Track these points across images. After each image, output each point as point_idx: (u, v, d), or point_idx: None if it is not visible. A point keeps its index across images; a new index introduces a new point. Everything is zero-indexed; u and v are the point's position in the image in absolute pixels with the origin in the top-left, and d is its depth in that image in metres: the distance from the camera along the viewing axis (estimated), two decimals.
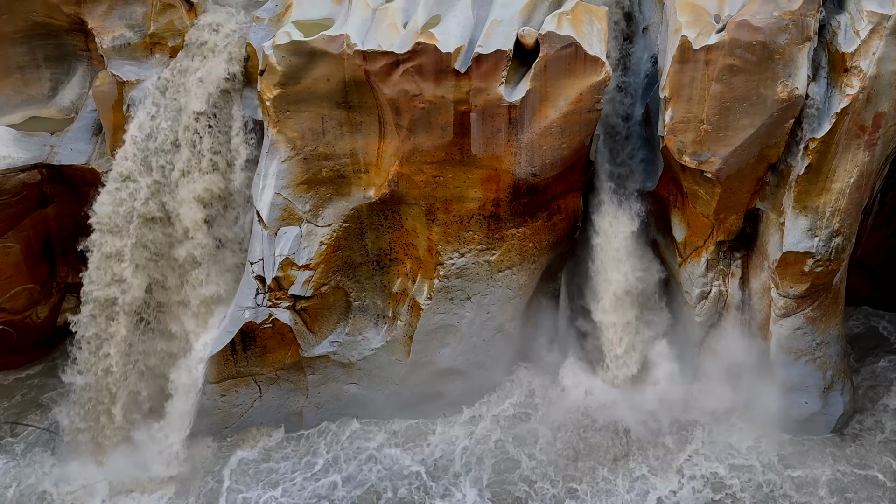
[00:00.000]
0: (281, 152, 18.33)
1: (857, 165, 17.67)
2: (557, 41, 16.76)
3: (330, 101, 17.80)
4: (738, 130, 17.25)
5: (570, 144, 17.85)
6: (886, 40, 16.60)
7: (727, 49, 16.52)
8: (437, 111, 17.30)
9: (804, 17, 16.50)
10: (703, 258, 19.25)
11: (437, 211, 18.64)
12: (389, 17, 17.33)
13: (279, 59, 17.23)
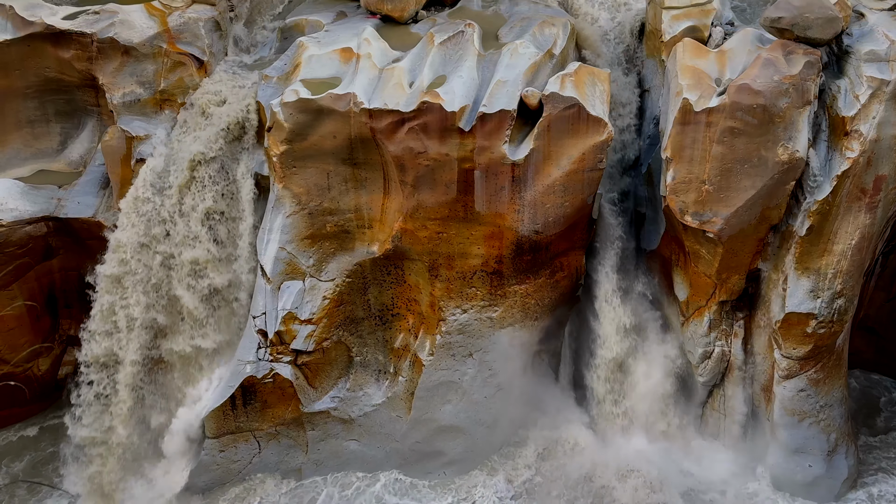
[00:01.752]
0: (286, 207, 18.49)
1: (858, 228, 17.77)
2: (560, 102, 17.04)
3: (336, 158, 18.03)
4: (740, 191, 17.40)
5: (573, 203, 18.00)
6: (886, 105, 16.84)
7: (728, 112, 16.76)
8: (442, 168, 17.50)
9: (804, 81, 16.78)
10: (705, 318, 19.23)
11: (440, 267, 18.71)
12: (396, 76, 17.65)
13: (287, 116, 17.50)
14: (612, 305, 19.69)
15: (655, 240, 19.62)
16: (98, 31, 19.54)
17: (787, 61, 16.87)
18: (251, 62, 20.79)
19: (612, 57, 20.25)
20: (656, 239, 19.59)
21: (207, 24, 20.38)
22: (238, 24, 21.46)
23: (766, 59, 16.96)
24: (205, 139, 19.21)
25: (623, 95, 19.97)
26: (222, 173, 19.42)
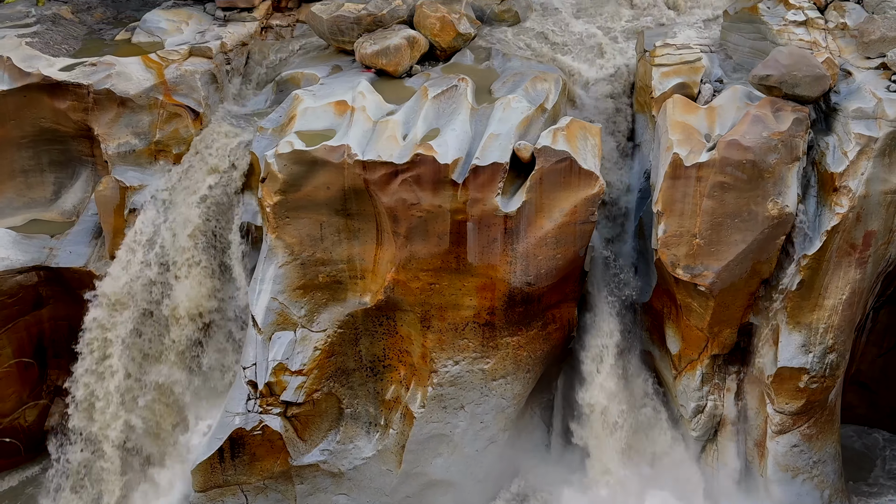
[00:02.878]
0: (279, 257, 18.49)
1: (848, 283, 17.86)
2: (553, 155, 17.21)
3: (329, 209, 18.10)
4: (731, 245, 17.50)
5: (565, 255, 18.06)
6: (874, 161, 17.05)
7: (718, 167, 16.95)
8: (435, 220, 17.57)
9: (793, 137, 17.00)
10: (697, 372, 19.17)
11: (432, 318, 18.66)
12: (390, 129, 17.84)
13: (281, 167, 17.61)
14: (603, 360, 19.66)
15: (647, 292, 19.67)
16: (95, 83, 19.74)
17: (775, 118, 17.12)
18: (246, 114, 21.00)
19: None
20: (648, 292, 19.64)
21: (204, 76, 20.63)
22: (234, 76, 21.76)
23: (754, 115, 17.20)
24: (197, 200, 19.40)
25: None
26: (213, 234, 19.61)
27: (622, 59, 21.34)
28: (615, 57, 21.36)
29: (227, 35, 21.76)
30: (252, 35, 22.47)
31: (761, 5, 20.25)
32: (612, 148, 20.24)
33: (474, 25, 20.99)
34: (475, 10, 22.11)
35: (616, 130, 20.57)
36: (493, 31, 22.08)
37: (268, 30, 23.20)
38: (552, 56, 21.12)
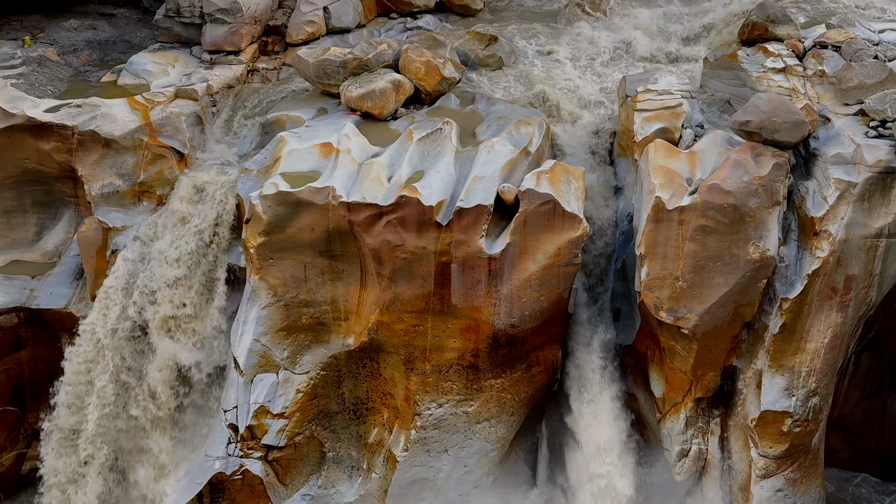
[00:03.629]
0: (262, 299, 18.41)
1: (830, 326, 17.96)
2: (536, 198, 17.33)
3: (313, 250, 18.08)
4: (713, 288, 17.58)
5: (549, 297, 18.09)
6: (854, 206, 17.25)
7: (700, 210, 17.09)
8: (419, 261, 17.58)
9: (773, 182, 17.20)
10: (681, 415, 19.12)
11: (415, 360, 18.57)
12: (374, 171, 17.92)
13: (265, 208, 17.62)
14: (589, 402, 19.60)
15: (631, 335, 19.68)
16: (79, 124, 19.74)
17: (755, 163, 17.33)
18: (232, 156, 21.06)
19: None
20: (632, 334, 19.65)
21: (189, 118, 20.72)
22: (220, 118, 21.85)
23: (735, 160, 17.41)
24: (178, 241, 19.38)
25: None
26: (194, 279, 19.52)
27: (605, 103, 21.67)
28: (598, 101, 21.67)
29: (214, 78, 21.91)
30: (238, 78, 22.64)
31: (741, 52, 20.68)
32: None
33: (459, 70, 21.25)
34: (460, 55, 22.45)
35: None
36: (478, 76, 22.42)
37: (254, 73, 23.39)
38: (535, 100, 21.39)
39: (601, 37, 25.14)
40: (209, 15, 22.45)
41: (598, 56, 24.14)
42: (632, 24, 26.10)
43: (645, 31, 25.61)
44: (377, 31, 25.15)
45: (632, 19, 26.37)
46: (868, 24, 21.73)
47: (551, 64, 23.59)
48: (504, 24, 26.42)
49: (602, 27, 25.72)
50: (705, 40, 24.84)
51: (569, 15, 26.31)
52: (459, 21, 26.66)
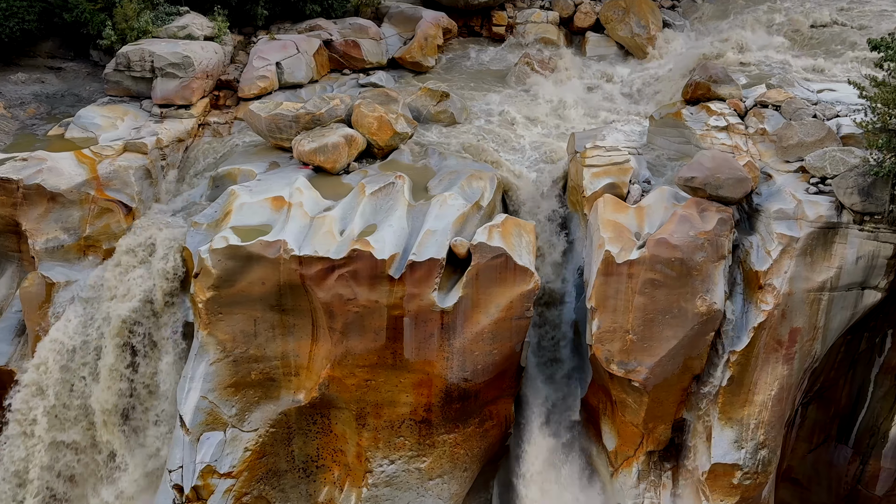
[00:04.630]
0: (210, 354, 18.07)
1: (777, 378, 18.21)
2: (488, 251, 17.44)
3: (264, 304, 17.87)
4: (662, 341, 17.75)
5: (502, 350, 18.09)
6: (797, 260, 17.64)
7: (648, 264, 17.34)
8: (371, 315, 17.48)
9: (718, 237, 17.55)
10: (634, 468, 19.11)
11: (367, 415, 18.34)
12: (327, 224, 17.87)
13: (215, 262, 17.41)
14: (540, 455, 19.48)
15: (583, 388, 19.71)
16: (25, 178, 19.41)
17: (701, 218, 17.68)
18: (181, 209, 20.85)
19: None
20: (584, 388, 19.68)
21: (138, 171, 20.52)
22: (170, 171, 21.67)
23: (681, 215, 17.75)
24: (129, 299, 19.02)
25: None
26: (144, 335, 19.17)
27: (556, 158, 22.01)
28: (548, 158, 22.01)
29: (164, 131, 21.79)
30: (189, 131, 22.55)
31: (685, 111, 21.24)
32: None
33: (411, 125, 21.49)
34: (412, 110, 22.72)
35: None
36: (430, 131, 22.67)
37: (205, 126, 23.33)
38: (487, 155, 21.65)
39: (550, 94, 25.71)
40: (160, 69, 22.42)
41: (548, 113, 24.62)
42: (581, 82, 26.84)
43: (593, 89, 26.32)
44: (330, 86, 25.39)
45: (581, 80, 27.11)
46: (806, 84, 22.56)
47: (502, 120, 23.99)
48: (456, 81, 26.90)
49: (551, 84, 26.32)
50: (651, 99, 25.56)
51: (518, 73, 26.90)
52: (412, 77, 27.11)
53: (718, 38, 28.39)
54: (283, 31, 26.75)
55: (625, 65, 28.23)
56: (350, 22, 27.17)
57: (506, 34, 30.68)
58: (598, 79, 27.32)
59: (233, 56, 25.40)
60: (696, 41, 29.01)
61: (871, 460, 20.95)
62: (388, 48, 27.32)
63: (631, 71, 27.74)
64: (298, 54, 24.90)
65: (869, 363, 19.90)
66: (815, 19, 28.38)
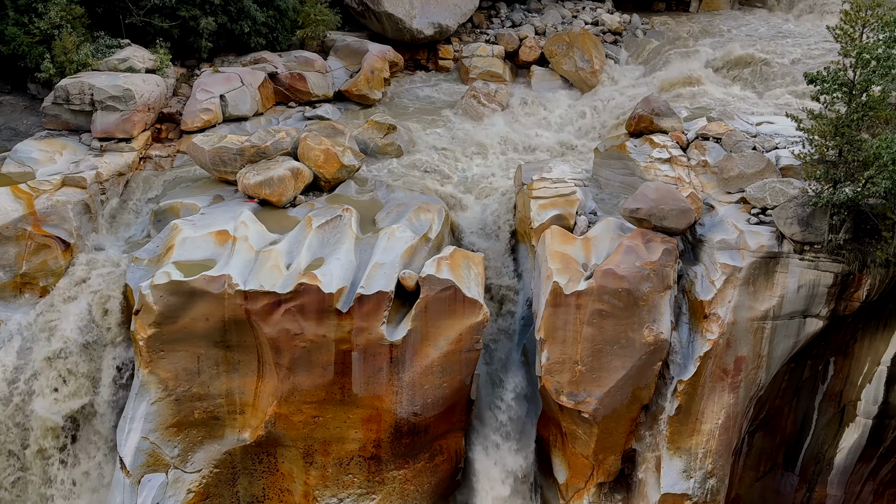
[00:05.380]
0: (151, 394, 17.60)
1: (723, 407, 18.38)
2: (437, 284, 17.36)
3: (207, 341, 17.50)
4: (611, 372, 17.81)
5: (451, 383, 17.95)
6: (740, 290, 17.90)
7: (596, 295, 17.43)
8: (319, 350, 17.23)
9: (663, 267, 17.75)
10: (584, 500, 19.04)
11: (315, 453, 18.01)
12: (273, 258, 17.63)
13: (156, 298, 17.02)
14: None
15: (533, 422, 19.63)
16: None
17: (646, 248, 17.88)
18: (121, 244, 20.38)
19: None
20: (534, 421, 19.60)
21: (76, 206, 20.04)
22: (110, 206, 21.19)
23: (627, 246, 17.93)
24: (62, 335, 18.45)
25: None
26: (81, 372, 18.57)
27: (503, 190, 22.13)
28: (496, 189, 22.11)
29: (103, 165, 21.33)
30: (130, 165, 22.13)
31: (629, 143, 21.54)
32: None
33: (358, 158, 21.41)
34: (359, 143, 22.67)
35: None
36: (377, 163, 22.61)
37: (146, 160, 22.92)
38: (435, 188, 21.67)
39: (497, 126, 25.91)
40: (100, 102, 22.00)
41: (493, 146, 24.77)
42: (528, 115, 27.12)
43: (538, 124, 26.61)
44: (275, 119, 25.21)
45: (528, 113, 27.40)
46: (746, 117, 23.08)
47: (449, 153, 24.07)
48: (403, 113, 26.95)
49: (498, 117, 26.55)
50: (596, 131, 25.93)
51: (465, 106, 27.06)
52: (358, 110, 27.09)
53: (660, 72, 29.06)
54: (228, 64, 26.57)
55: (570, 97, 28.61)
56: (295, 55, 27.10)
57: (451, 68, 30.95)
58: (543, 111, 27.62)
59: (175, 89, 25.09)
60: (639, 75, 29.59)
61: (817, 487, 21.20)
62: (335, 81, 27.28)
63: (576, 103, 28.12)
64: (243, 87, 24.70)
65: (813, 391, 20.21)
66: (751, 54, 29.17)
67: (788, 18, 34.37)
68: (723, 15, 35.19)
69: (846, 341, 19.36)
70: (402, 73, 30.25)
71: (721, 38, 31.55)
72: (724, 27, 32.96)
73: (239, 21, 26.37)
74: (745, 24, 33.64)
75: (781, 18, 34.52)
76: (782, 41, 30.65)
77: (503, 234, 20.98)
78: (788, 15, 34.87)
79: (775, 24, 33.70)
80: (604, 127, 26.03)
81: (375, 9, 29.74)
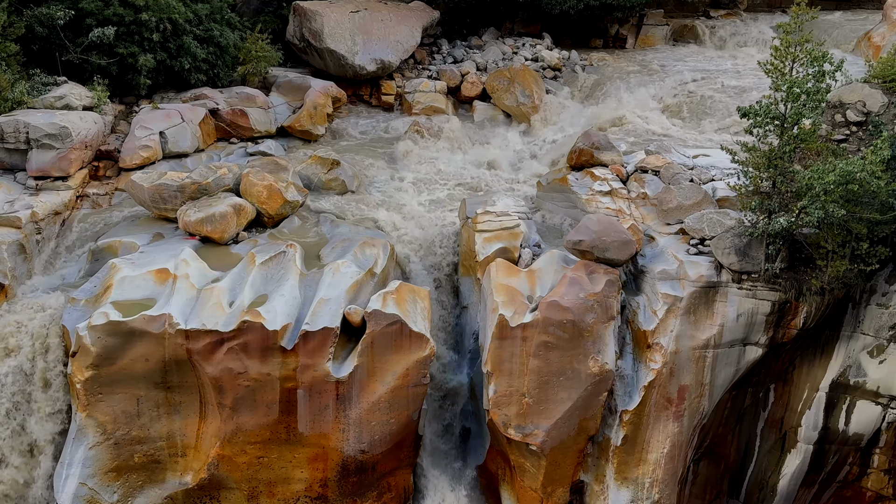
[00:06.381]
0: (89, 438, 17.08)
1: (668, 436, 18.57)
2: (383, 319, 17.27)
3: (147, 382, 17.08)
4: (558, 403, 17.88)
5: (399, 419, 17.79)
6: (681, 319, 18.19)
7: (541, 327, 17.53)
8: (263, 389, 16.96)
9: (607, 298, 17.96)
10: None
11: (260, 495, 17.64)
12: (215, 296, 17.35)
13: (94, 339, 16.59)
14: None
15: (482, 455, 19.55)
16: None
17: (590, 280, 18.08)
18: (58, 285, 19.85)
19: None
20: (482, 454, 19.53)
21: (11, 246, 19.50)
22: (46, 246, 20.67)
23: (571, 277, 18.12)
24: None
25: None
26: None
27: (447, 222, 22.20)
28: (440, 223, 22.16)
29: (39, 204, 20.83)
30: (66, 204, 21.64)
31: (570, 177, 21.86)
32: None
33: (302, 193, 21.30)
34: (303, 178, 22.57)
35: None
36: (321, 199, 22.50)
37: (84, 198, 22.44)
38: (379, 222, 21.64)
39: (440, 161, 26.07)
40: (36, 140, 21.53)
41: (439, 180, 24.90)
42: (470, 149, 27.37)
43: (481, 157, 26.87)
44: (217, 155, 24.96)
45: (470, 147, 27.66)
46: (683, 150, 23.63)
47: (393, 187, 24.11)
48: (347, 149, 26.96)
49: (441, 152, 26.71)
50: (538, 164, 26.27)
51: (409, 140, 27.17)
52: (302, 146, 27.00)
53: (599, 107, 29.65)
54: (168, 100, 26.29)
55: (512, 132, 28.95)
56: (237, 91, 26.96)
57: (394, 103, 31.12)
58: (486, 146, 27.90)
59: (113, 126, 24.72)
60: (578, 109, 30.13)
61: None
62: (277, 117, 27.18)
63: (518, 138, 28.48)
64: (183, 123, 24.44)
65: (754, 418, 20.55)
66: (685, 90, 29.97)
67: (722, 54, 35.43)
68: (658, 50, 36.16)
69: (785, 368, 19.78)
70: (346, 109, 30.30)
71: (657, 73, 32.34)
72: (659, 63, 33.82)
73: (179, 58, 26.18)
74: (680, 59, 34.58)
75: (715, 54, 35.58)
76: (715, 76, 31.56)
77: (447, 267, 21.04)
78: (722, 51, 35.95)
79: (708, 58, 34.72)
80: (546, 160, 26.37)
81: (317, 45, 29.84)
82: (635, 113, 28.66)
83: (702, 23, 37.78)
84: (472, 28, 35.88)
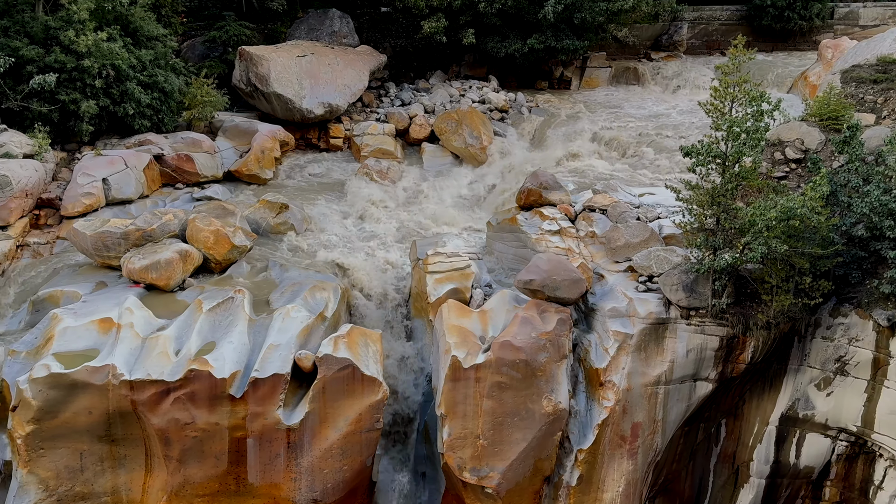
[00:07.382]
0: (31, 494, 16.46)
1: (623, 474, 18.54)
2: (335, 363, 17.05)
3: (91, 435, 16.57)
4: (512, 444, 17.76)
5: (352, 466, 17.49)
6: (633, 356, 18.28)
7: (494, 367, 17.47)
8: (211, 439, 16.56)
9: (558, 336, 17.98)
10: None
11: None
12: (160, 344, 16.97)
13: (35, 392, 16.08)
14: None
15: (437, 500, 19.29)
16: None
17: (542, 319, 18.11)
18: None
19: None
20: (437, 499, 19.27)
21: None
22: None
23: (523, 317, 18.12)
24: None
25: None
26: None
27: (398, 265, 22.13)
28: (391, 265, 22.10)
29: None
30: (6, 254, 21.13)
31: (520, 217, 21.98)
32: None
33: (250, 238, 21.07)
34: (251, 223, 22.34)
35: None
36: (271, 243, 22.29)
37: (24, 247, 21.93)
38: (330, 264, 21.49)
39: (389, 203, 26.09)
40: None
41: (388, 222, 24.89)
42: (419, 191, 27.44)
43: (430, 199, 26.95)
44: (163, 201, 24.61)
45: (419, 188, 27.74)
46: (628, 188, 23.95)
47: (344, 230, 24.02)
48: (295, 192, 26.83)
49: (390, 194, 26.75)
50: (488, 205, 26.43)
51: (357, 183, 27.18)
52: (250, 190, 26.78)
53: (546, 148, 30.01)
54: (111, 147, 25.93)
55: (461, 173, 29.14)
56: (182, 136, 26.73)
57: (343, 146, 31.17)
58: (435, 187, 28.01)
59: (55, 173, 24.28)
60: (525, 150, 30.47)
61: None
62: (224, 161, 26.99)
63: (466, 179, 28.68)
64: (127, 169, 24.10)
65: (707, 453, 20.64)
66: (627, 133, 30.54)
67: (664, 97, 36.25)
68: (602, 92, 36.90)
69: (735, 403, 19.95)
70: (294, 152, 30.25)
71: (601, 114, 32.93)
72: (603, 104, 34.50)
73: (122, 103, 25.89)
74: (624, 100, 35.35)
75: (657, 95, 36.41)
76: (657, 117, 32.24)
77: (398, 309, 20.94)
78: (664, 93, 36.79)
79: (651, 99, 35.52)
80: (494, 201, 26.54)
81: (264, 90, 29.79)
82: (578, 154, 29.10)
83: (643, 65, 38.75)
84: (420, 71, 36.28)
